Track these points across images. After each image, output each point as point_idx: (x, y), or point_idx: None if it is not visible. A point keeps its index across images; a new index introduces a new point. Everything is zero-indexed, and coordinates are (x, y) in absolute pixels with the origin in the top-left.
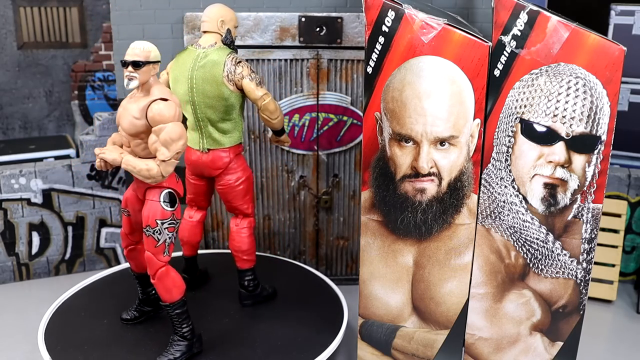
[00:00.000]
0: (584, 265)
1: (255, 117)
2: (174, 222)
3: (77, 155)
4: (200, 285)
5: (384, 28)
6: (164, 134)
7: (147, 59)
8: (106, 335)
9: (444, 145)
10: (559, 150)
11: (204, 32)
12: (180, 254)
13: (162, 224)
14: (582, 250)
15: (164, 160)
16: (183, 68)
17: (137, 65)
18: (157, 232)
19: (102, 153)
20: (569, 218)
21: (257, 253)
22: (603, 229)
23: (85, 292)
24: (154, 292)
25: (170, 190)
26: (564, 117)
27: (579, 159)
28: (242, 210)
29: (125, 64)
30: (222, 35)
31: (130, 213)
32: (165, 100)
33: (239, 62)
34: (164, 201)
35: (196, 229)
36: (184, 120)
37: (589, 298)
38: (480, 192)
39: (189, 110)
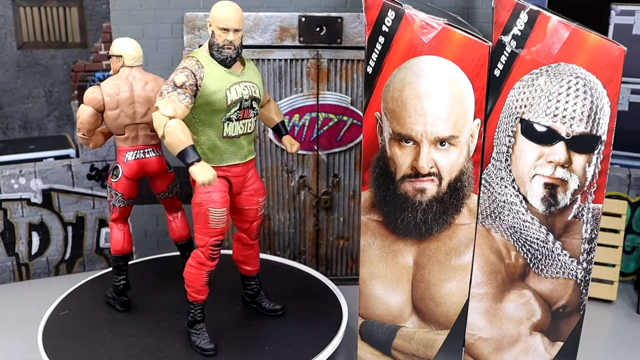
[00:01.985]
0: (584, 265)
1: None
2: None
3: (77, 155)
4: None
5: (384, 28)
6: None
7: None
8: (106, 335)
9: (444, 145)
10: (559, 150)
11: None
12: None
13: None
14: (582, 250)
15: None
16: None
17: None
18: None
19: None
20: (569, 218)
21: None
22: (603, 229)
23: (85, 292)
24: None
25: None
26: (564, 117)
27: (579, 159)
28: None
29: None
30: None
31: None
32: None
33: (180, 67)
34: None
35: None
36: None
37: (589, 298)
38: (481, 192)
39: None
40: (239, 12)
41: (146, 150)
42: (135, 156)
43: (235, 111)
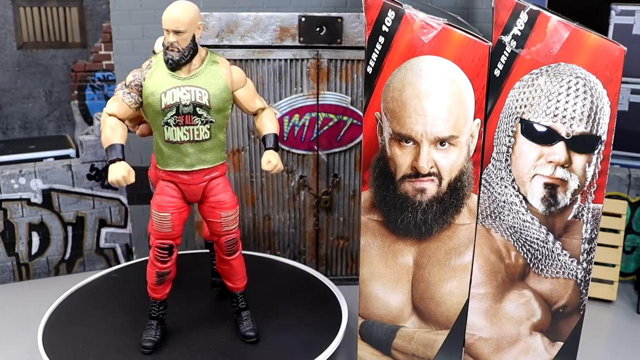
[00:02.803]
0: (584, 265)
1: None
2: None
3: (77, 155)
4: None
5: (384, 28)
6: None
7: None
8: (106, 335)
9: (444, 145)
10: (559, 150)
11: None
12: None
13: None
14: (582, 250)
15: None
16: None
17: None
18: None
19: None
20: (569, 218)
21: (257, 253)
22: (603, 229)
23: (85, 292)
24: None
25: None
26: (564, 117)
27: (579, 159)
28: None
29: None
30: None
31: None
32: None
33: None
34: None
35: None
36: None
37: (589, 298)
38: (481, 192)
39: None
40: (183, 14)
41: None
42: None
43: (172, 116)
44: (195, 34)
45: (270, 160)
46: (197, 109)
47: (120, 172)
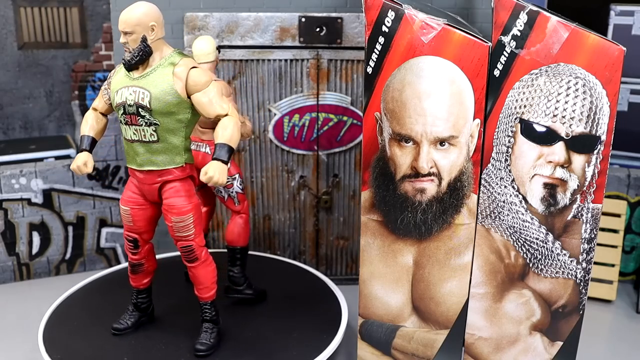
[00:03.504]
0: (584, 265)
1: (255, 118)
2: None
3: None
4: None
5: (384, 28)
6: None
7: None
8: (106, 334)
9: (443, 145)
10: (558, 150)
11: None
12: None
13: None
14: (581, 250)
15: None
16: None
17: None
18: None
19: None
20: (569, 218)
21: (257, 253)
22: (603, 229)
23: (86, 292)
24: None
25: None
26: (563, 117)
27: (578, 159)
28: None
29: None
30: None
31: None
32: None
33: None
34: None
35: None
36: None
37: (589, 298)
38: (480, 192)
39: None
40: (130, 16)
41: (197, 144)
42: (193, 147)
43: (122, 114)
44: (146, 35)
45: (207, 172)
46: (140, 110)
47: (76, 162)
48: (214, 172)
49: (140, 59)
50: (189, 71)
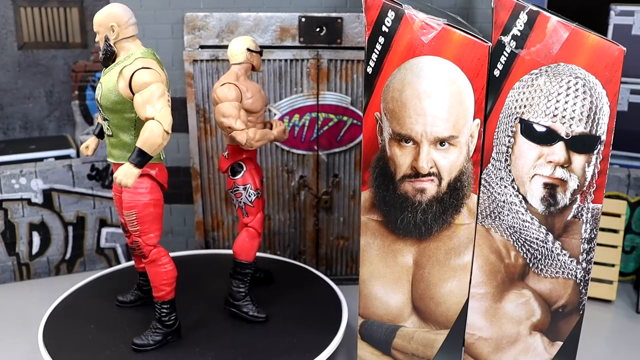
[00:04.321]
0: (584, 265)
1: None
2: None
3: (78, 155)
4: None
5: (384, 28)
6: None
7: None
8: (106, 334)
9: (443, 145)
10: (558, 150)
11: (135, 35)
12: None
13: None
14: (581, 250)
15: None
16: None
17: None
18: None
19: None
20: (569, 218)
21: (257, 254)
22: (603, 229)
23: (86, 292)
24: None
25: None
26: (563, 117)
27: (578, 159)
28: None
29: (261, 53)
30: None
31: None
32: None
33: None
34: None
35: None
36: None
37: (589, 298)
38: (480, 192)
39: None
40: (97, 16)
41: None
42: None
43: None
44: (108, 35)
45: (117, 173)
46: (97, 104)
47: (83, 144)
48: (119, 174)
49: (104, 57)
50: (134, 72)
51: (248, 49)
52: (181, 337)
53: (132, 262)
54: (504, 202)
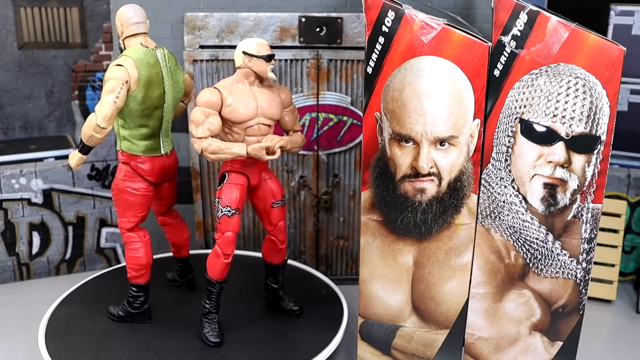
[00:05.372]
0: (584, 265)
1: None
2: None
3: None
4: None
5: (384, 28)
6: (296, 110)
7: None
8: (106, 334)
9: (443, 145)
10: (558, 150)
11: (143, 33)
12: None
13: None
14: (581, 250)
15: (301, 130)
16: (153, 71)
17: (273, 58)
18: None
19: (279, 141)
20: (569, 218)
21: (257, 254)
22: (603, 229)
23: (86, 292)
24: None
25: None
26: (563, 117)
27: (578, 159)
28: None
29: (271, 57)
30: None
31: (240, 208)
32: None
33: None
34: None
35: (150, 246)
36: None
37: (589, 298)
38: (480, 192)
39: (156, 116)
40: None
41: None
42: None
43: None
44: (118, 34)
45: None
46: None
47: None
48: (71, 159)
49: (120, 52)
50: (110, 67)
51: (244, 52)
52: (166, 333)
53: None
54: (504, 202)
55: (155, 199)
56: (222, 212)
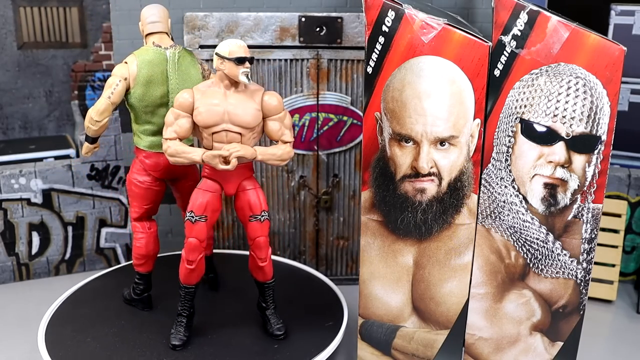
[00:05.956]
0: (584, 265)
1: None
2: None
3: (77, 155)
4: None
5: (384, 28)
6: (287, 119)
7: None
8: (106, 334)
9: (444, 145)
10: (559, 150)
11: (159, 32)
12: None
13: None
14: (582, 250)
15: (290, 142)
16: (157, 70)
17: (251, 61)
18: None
19: (237, 151)
20: (569, 218)
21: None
22: (603, 229)
23: (85, 292)
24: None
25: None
26: (564, 117)
27: (579, 159)
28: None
29: (244, 60)
30: (169, 35)
31: (209, 216)
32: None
33: (200, 60)
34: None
35: (157, 239)
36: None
37: (589, 298)
38: (480, 192)
39: (161, 114)
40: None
41: None
42: None
43: None
44: (141, 33)
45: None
46: None
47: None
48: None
49: None
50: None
51: (216, 54)
52: (151, 309)
53: (131, 262)
54: (504, 202)
55: (176, 195)
56: (187, 216)
